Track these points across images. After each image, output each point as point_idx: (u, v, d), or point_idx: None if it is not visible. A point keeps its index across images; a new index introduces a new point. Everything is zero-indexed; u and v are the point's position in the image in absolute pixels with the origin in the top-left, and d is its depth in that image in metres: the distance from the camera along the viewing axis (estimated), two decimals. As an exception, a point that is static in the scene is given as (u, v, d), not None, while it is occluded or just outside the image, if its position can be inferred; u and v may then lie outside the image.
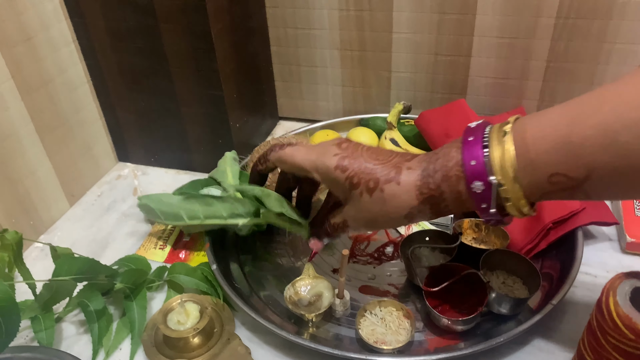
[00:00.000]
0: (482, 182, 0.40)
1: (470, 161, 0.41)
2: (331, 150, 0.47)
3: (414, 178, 0.44)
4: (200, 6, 0.65)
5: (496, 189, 0.40)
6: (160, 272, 0.63)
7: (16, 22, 0.64)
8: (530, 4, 0.71)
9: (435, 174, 0.43)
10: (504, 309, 0.55)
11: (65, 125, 0.74)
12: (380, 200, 0.45)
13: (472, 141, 0.41)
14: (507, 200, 0.40)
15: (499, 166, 0.39)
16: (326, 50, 0.84)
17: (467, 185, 0.41)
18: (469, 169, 0.41)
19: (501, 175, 0.39)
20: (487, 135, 0.41)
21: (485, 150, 0.40)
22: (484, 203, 0.41)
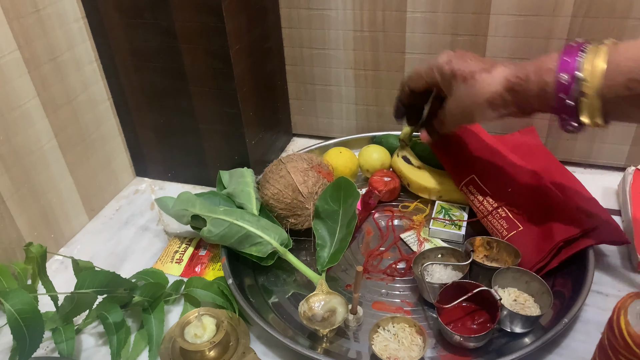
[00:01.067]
0: (569, 75, 0.48)
1: (565, 57, 0.49)
2: (443, 54, 0.59)
3: (506, 71, 0.54)
4: (220, 28, 0.68)
5: (579, 82, 0.47)
6: (177, 286, 0.64)
7: (44, 42, 0.67)
8: (542, 26, 0.72)
9: (528, 66, 0.52)
10: (516, 327, 0.56)
11: (86, 141, 0.76)
12: (471, 86, 0.56)
13: (574, 47, 0.49)
14: (585, 97, 0.48)
15: (589, 67, 0.47)
16: (340, 70, 0.86)
17: (556, 75, 0.49)
18: (562, 63, 0.49)
19: (587, 72, 0.47)
20: (588, 45, 0.49)
21: (581, 53, 0.48)
22: (564, 94, 0.48)
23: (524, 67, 0.52)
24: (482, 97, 0.55)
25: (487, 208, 0.67)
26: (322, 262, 0.64)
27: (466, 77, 0.56)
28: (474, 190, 0.69)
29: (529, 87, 0.51)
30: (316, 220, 0.68)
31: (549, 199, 0.65)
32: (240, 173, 0.75)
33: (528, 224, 0.64)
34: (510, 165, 0.70)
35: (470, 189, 0.70)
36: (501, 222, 0.65)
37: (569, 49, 0.50)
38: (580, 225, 0.62)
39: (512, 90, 0.53)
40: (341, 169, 0.79)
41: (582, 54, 0.48)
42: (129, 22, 0.72)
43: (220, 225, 0.65)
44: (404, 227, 0.73)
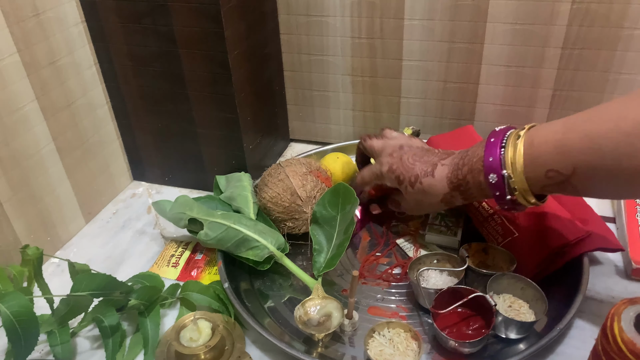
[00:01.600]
0: (496, 174, 0.52)
1: (489, 158, 0.52)
2: (384, 160, 0.64)
3: (446, 172, 0.58)
4: (219, 34, 0.68)
5: (507, 180, 0.51)
6: (174, 290, 0.64)
7: (44, 46, 0.67)
8: (538, 34, 0.73)
9: (463, 167, 0.56)
10: (511, 333, 0.56)
11: (84, 145, 0.77)
12: (420, 190, 0.60)
13: (493, 142, 0.53)
14: (515, 190, 0.51)
15: (509, 162, 0.51)
16: (338, 76, 0.86)
17: (485, 177, 0.53)
18: (487, 164, 0.52)
19: (511, 170, 0.51)
20: (507, 138, 0.52)
21: (501, 150, 0.52)
22: (498, 191, 0.52)
23: (459, 166, 0.57)
24: (436, 199, 0.60)
25: (482, 214, 0.67)
26: (319, 267, 0.64)
27: (412, 182, 0.61)
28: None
29: (469, 187, 0.56)
30: (313, 225, 0.68)
31: (544, 206, 0.65)
32: (238, 177, 0.75)
33: (523, 231, 0.64)
34: None
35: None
36: (497, 229, 0.65)
37: (489, 145, 0.53)
38: (575, 232, 0.62)
39: (458, 189, 0.58)
40: (338, 174, 0.79)
41: (503, 149, 0.52)
42: (128, 27, 0.72)
43: (217, 228, 0.65)
44: (400, 233, 0.73)
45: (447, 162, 0.58)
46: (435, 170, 0.59)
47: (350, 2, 0.78)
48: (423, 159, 0.61)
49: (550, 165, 0.49)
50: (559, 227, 0.63)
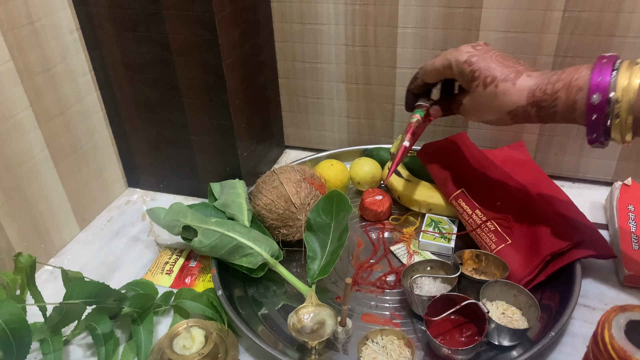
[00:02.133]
0: (602, 95, 0.47)
1: (597, 77, 0.48)
2: (464, 49, 0.57)
3: (531, 83, 0.52)
4: (213, 41, 0.69)
5: (613, 105, 0.47)
6: (167, 297, 0.64)
7: (38, 53, 0.67)
8: (530, 42, 0.74)
9: (557, 82, 0.50)
10: (504, 340, 0.56)
11: (78, 152, 0.77)
12: (491, 94, 0.54)
13: (605, 63, 0.48)
14: (617, 118, 0.47)
15: (621, 86, 0.46)
16: (332, 83, 0.87)
17: (588, 96, 0.48)
18: (594, 82, 0.48)
19: (621, 93, 0.46)
20: (619, 63, 0.48)
21: (613, 72, 0.47)
22: (595, 114, 0.48)
23: (551, 81, 0.51)
24: (505, 109, 0.54)
25: (475, 221, 0.68)
26: (312, 275, 0.64)
27: (487, 83, 0.54)
28: (463, 204, 0.70)
29: (557, 104, 0.50)
30: (308, 232, 0.68)
31: (537, 213, 0.66)
32: (232, 184, 0.76)
33: (516, 238, 0.65)
34: (499, 180, 0.70)
35: (460, 203, 0.70)
36: (490, 236, 0.66)
37: (599, 65, 0.49)
38: (568, 239, 0.63)
39: (538, 105, 0.52)
40: (332, 181, 0.79)
41: (615, 72, 0.47)
42: (122, 35, 0.72)
43: (211, 236, 0.65)
44: (393, 240, 0.73)
45: (535, 75, 0.53)
46: (518, 78, 0.53)
47: (344, 10, 0.79)
48: (507, 63, 0.55)
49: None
50: (552, 234, 0.63)
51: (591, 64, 0.49)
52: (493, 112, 0.55)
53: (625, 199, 0.73)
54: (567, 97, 0.50)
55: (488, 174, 0.71)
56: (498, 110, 0.54)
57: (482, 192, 0.70)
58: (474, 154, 0.74)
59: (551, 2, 0.70)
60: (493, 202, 0.68)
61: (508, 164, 0.75)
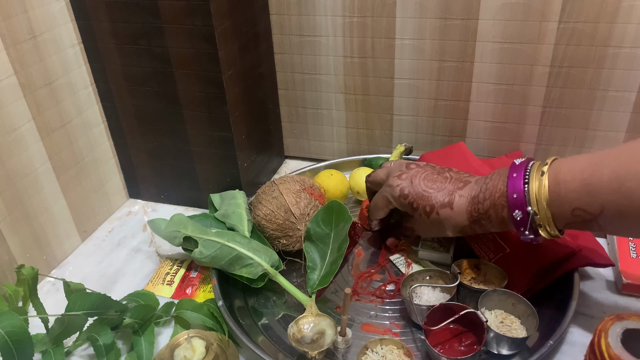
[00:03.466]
0: (522, 212, 0.52)
1: (513, 194, 0.52)
2: (394, 183, 0.62)
3: (465, 204, 0.57)
4: (213, 54, 0.70)
5: (532, 217, 0.51)
6: (168, 308, 0.64)
7: (40, 67, 0.68)
8: (526, 53, 0.75)
9: (485, 201, 0.55)
10: (503, 349, 0.57)
11: (80, 164, 0.77)
12: (437, 221, 0.59)
13: (516, 177, 0.53)
14: (540, 226, 0.52)
15: (535, 199, 0.51)
16: (331, 94, 0.88)
17: (510, 213, 0.53)
18: (511, 201, 0.52)
19: (536, 207, 0.51)
20: (529, 172, 0.52)
21: (525, 185, 0.51)
22: (522, 227, 0.53)
23: (479, 200, 0.56)
24: (454, 230, 0.59)
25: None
26: (312, 285, 0.65)
27: (428, 212, 0.59)
28: None
29: (491, 221, 0.56)
30: (307, 242, 0.69)
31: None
32: (232, 195, 0.76)
33: (514, 247, 0.65)
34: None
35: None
36: (488, 245, 0.66)
37: (511, 179, 0.53)
38: (566, 248, 0.63)
39: (478, 223, 0.57)
40: (332, 191, 0.80)
41: (526, 185, 0.51)
42: (124, 48, 0.73)
43: (212, 246, 0.66)
44: (393, 249, 0.74)
45: (464, 192, 0.58)
46: (453, 202, 0.58)
47: (342, 22, 0.80)
48: (436, 185, 0.59)
49: (576, 204, 0.48)
50: (550, 243, 0.63)
51: (505, 177, 0.54)
52: (445, 232, 0.61)
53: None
54: (497, 215, 0.55)
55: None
56: (449, 231, 0.60)
57: None
58: (472, 163, 0.75)
59: (546, 13, 0.71)
60: None
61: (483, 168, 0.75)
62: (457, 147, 0.78)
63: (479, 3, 0.73)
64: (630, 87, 0.73)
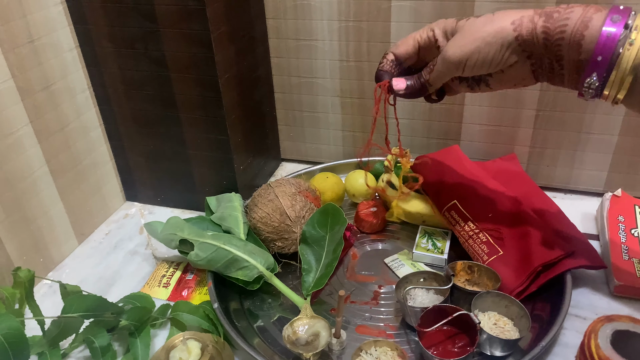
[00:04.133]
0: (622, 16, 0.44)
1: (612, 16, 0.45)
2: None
3: (532, 13, 0.47)
4: (210, 58, 0.70)
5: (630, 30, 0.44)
6: (164, 310, 0.65)
7: (38, 71, 0.69)
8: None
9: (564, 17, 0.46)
10: (495, 350, 0.57)
11: (78, 167, 0.78)
12: (488, 18, 0.48)
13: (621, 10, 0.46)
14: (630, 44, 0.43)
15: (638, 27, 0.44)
16: (327, 98, 0.88)
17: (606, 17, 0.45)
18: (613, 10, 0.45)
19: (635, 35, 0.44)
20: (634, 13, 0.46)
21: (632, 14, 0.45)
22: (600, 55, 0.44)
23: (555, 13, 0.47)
24: (505, 21, 0.47)
25: (468, 233, 0.69)
26: (307, 287, 0.65)
27: (480, 16, 0.49)
28: (455, 215, 0.71)
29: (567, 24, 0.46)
30: (302, 245, 0.69)
31: (529, 224, 0.67)
32: (229, 198, 0.77)
33: (508, 249, 0.66)
34: (492, 191, 0.72)
35: (452, 214, 0.71)
36: (482, 247, 0.67)
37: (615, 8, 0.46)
38: (559, 249, 0.64)
39: (546, 15, 0.47)
40: (328, 194, 0.81)
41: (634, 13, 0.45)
42: (121, 52, 0.74)
43: (208, 249, 0.66)
44: (388, 251, 0.74)
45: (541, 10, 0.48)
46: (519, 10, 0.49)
47: (338, 27, 0.81)
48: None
49: None
50: (543, 245, 0.64)
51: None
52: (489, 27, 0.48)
53: (615, 210, 0.74)
54: (581, 20, 0.46)
55: (480, 186, 0.72)
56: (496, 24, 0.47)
57: (474, 204, 0.71)
58: (467, 166, 0.75)
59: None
60: (485, 213, 0.69)
61: (500, 176, 0.76)
62: (451, 151, 0.79)
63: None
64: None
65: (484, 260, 0.66)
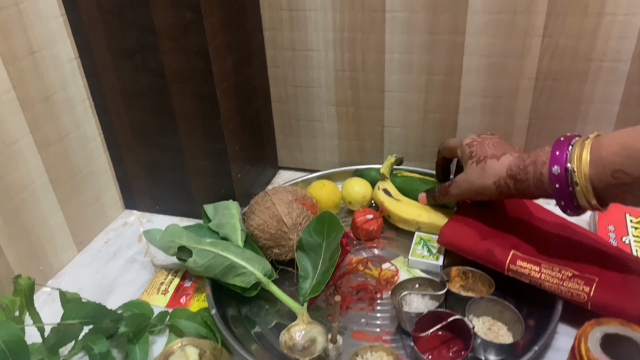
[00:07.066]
0: (560, 167, 0.55)
1: (555, 152, 0.57)
2: (470, 137, 0.70)
3: (510, 160, 0.63)
4: (207, 69, 0.71)
5: (570, 174, 0.54)
6: (162, 317, 0.65)
7: (38, 83, 0.70)
8: (511, 67, 0.77)
9: (527, 159, 0.60)
10: (490, 355, 0.58)
11: (77, 177, 0.79)
12: (480, 168, 0.65)
13: (562, 141, 0.57)
14: (577, 184, 0.54)
15: (576, 157, 0.54)
16: (323, 107, 0.90)
17: (549, 168, 0.56)
18: (553, 157, 0.57)
19: (575, 164, 0.54)
20: (575, 141, 0.56)
21: (569, 147, 0.56)
22: (558, 183, 0.56)
23: (524, 159, 0.61)
24: (489, 180, 0.64)
25: (552, 275, 0.62)
26: (304, 293, 0.66)
27: (479, 160, 0.66)
28: (525, 264, 0.64)
29: (527, 177, 0.60)
30: (299, 252, 0.70)
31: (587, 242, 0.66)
32: (226, 205, 0.78)
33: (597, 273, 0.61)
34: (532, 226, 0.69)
35: (521, 265, 0.64)
36: (576, 281, 0.61)
37: (559, 143, 0.57)
38: None
39: (514, 178, 0.61)
40: (324, 202, 0.82)
41: (570, 147, 0.56)
42: (120, 63, 0.75)
43: (206, 256, 0.67)
44: (384, 258, 0.75)
45: (516, 154, 0.63)
46: (502, 156, 0.64)
47: (333, 38, 0.82)
48: (499, 147, 0.66)
49: (617, 166, 0.51)
50: (623, 254, 0.65)
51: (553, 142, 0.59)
52: (480, 183, 0.65)
53: (604, 220, 0.75)
54: (535, 171, 0.59)
55: (519, 226, 0.69)
56: (484, 181, 0.65)
57: (530, 246, 0.66)
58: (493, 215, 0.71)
59: (530, 29, 0.73)
60: (546, 251, 0.65)
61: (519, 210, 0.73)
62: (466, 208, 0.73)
63: (465, 20, 0.75)
64: (613, 99, 0.75)
65: (590, 295, 0.59)
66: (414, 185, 0.82)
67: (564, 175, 0.55)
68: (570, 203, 0.56)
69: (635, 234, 0.72)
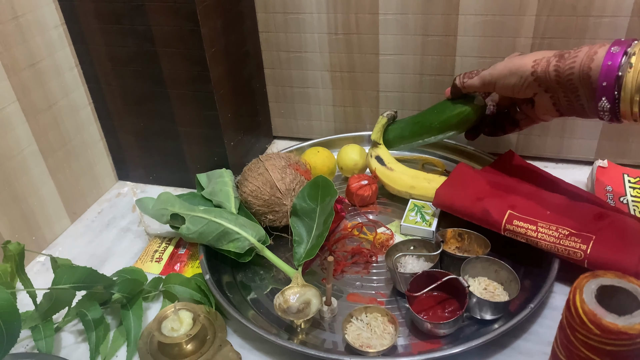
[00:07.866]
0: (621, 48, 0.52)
1: (611, 48, 0.53)
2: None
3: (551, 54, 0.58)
4: (196, 32, 0.70)
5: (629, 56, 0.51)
6: (156, 283, 0.65)
7: (23, 49, 0.68)
8: (508, 25, 0.75)
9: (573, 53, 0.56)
10: (485, 314, 0.58)
11: (67, 146, 0.78)
12: (521, 56, 0.61)
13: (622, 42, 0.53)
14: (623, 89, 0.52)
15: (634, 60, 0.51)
16: (317, 72, 0.88)
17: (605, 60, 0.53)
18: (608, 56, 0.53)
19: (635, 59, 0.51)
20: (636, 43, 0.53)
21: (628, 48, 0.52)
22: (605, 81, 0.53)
23: (565, 52, 0.57)
24: (529, 58, 0.59)
25: (548, 234, 0.61)
26: (299, 257, 0.65)
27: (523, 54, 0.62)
28: (521, 224, 0.63)
29: (574, 64, 0.55)
30: (293, 217, 0.69)
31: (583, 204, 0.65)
32: (219, 173, 0.77)
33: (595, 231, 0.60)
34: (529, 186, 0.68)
35: (517, 224, 0.63)
36: (573, 239, 0.60)
37: (617, 42, 0.54)
38: None
39: (559, 55, 0.57)
40: (319, 168, 0.81)
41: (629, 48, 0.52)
42: (107, 28, 0.73)
43: (199, 222, 0.67)
44: (379, 223, 0.75)
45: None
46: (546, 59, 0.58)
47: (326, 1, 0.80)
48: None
49: None
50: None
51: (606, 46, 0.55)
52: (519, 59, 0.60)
53: (602, 181, 0.73)
54: (587, 55, 0.54)
55: (515, 188, 0.68)
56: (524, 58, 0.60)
57: (527, 206, 0.65)
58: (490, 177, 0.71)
59: (527, -16, 0.71)
60: (543, 211, 0.64)
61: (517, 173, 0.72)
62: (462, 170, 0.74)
63: (456, 21, 0.74)
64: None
65: (587, 253, 0.59)
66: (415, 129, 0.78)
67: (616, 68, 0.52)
68: (613, 104, 0.53)
69: (633, 194, 0.71)
